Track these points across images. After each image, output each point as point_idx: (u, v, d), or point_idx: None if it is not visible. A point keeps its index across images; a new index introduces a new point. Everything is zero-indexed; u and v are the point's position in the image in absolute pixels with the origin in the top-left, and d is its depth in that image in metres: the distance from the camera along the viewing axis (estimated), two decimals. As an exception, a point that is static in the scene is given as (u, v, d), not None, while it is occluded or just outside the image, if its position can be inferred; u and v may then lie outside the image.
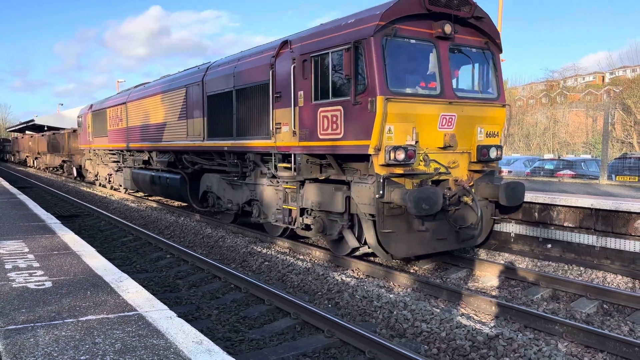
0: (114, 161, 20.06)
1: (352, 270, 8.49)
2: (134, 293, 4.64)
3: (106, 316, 3.98)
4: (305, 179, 8.98)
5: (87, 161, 24.33)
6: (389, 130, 7.43)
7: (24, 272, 5.30)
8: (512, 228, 9.95)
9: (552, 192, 10.33)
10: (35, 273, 5.27)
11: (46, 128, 43.50)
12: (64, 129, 33.57)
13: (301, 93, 8.68)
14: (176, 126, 13.48)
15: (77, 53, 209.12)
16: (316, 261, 9.13)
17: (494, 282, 8.00)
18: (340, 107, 7.92)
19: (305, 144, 8.66)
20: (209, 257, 9.31)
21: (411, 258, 8.84)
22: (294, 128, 8.83)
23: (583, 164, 18.76)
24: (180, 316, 4.08)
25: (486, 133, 8.53)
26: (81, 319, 3.91)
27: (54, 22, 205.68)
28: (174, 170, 14.31)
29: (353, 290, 7.14)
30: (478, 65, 8.70)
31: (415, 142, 7.64)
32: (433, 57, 8.08)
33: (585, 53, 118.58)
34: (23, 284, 4.84)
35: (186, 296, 7.31)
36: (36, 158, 43.27)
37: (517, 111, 39.32)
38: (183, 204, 16.70)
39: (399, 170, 7.54)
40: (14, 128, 64.17)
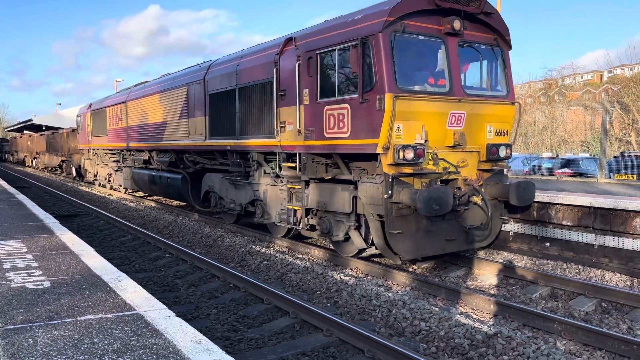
0: (114, 161, 19.94)
1: (351, 269, 8.48)
2: (133, 292, 4.63)
3: (105, 316, 3.98)
4: (310, 179, 8.86)
5: (87, 161, 24.18)
6: (398, 128, 7.30)
7: (22, 272, 5.29)
8: (511, 227, 9.95)
9: (551, 191, 10.33)
10: (33, 273, 5.27)
11: (44, 128, 43.45)
12: (63, 129, 33.50)
13: (306, 91, 8.56)
14: (177, 125, 13.35)
15: (75, 52, 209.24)
16: (315, 260, 9.12)
17: (493, 281, 8.01)
18: (347, 105, 7.78)
19: (310, 143, 8.52)
20: (208, 257, 9.31)
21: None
22: (299, 127, 8.70)
23: (581, 163, 18.79)
24: (179, 315, 4.08)
25: (495, 131, 8.41)
26: (80, 319, 3.90)
27: (52, 22, 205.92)
28: (175, 170, 14.17)
29: (352, 289, 7.14)
30: (487, 62, 8.56)
31: (424, 141, 7.50)
32: (442, 54, 7.93)
33: (583, 51, 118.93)
34: (21, 284, 4.84)
35: (185, 295, 7.31)
36: (35, 158, 43.19)
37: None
38: (182, 204, 16.67)
39: (408, 169, 7.40)
40: (12, 128, 64.13)
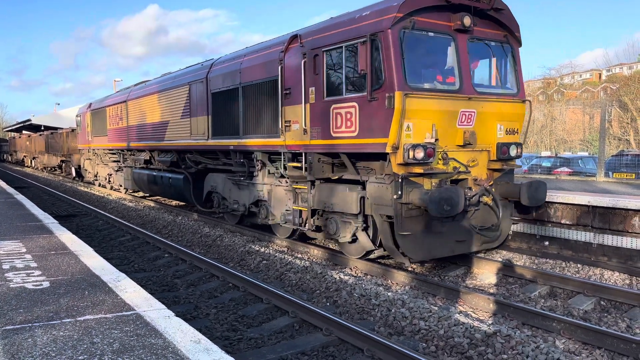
0: (114, 161, 19.84)
1: (350, 268, 8.48)
2: (132, 292, 4.64)
3: (104, 316, 3.98)
4: (316, 179, 8.68)
5: (86, 161, 24.07)
6: (408, 127, 7.13)
7: (22, 272, 5.29)
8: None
9: (550, 190, 10.31)
10: (32, 273, 5.27)
11: (43, 128, 43.39)
12: (61, 129, 33.45)
13: (312, 89, 8.40)
14: (179, 125, 13.21)
15: (74, 52, 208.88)
16: (314, 260, 9.12)
17: (492, 280, 8.01)
18: (354, 104, 7.61)
19: (317, 143, 8.37)
20: (207, 256, 9.31)
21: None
22: (305, 126, 8.56)
23: (580, 161, 18.80)
24: (178, 315, 4.08)
25: (506, 130, 8.30)
26: (79, 319, 3.91)
27: (51, 21, 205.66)
28: (177, 170, 14.04)
29: (351, 288, 7.14)
30: (497, 59, 8.38)
31: (434, 140, 7.32)
32: (452, 51, 7.77)
33: (582, 50, 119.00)
34: (21, 284, 4.84)
35: (184, 295, 7.31)
36: (34, 158, 43.14)
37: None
38: (181, 203, 16.65)
39: (418, 169, 7.24)
40: (11, 128, 64.08)
